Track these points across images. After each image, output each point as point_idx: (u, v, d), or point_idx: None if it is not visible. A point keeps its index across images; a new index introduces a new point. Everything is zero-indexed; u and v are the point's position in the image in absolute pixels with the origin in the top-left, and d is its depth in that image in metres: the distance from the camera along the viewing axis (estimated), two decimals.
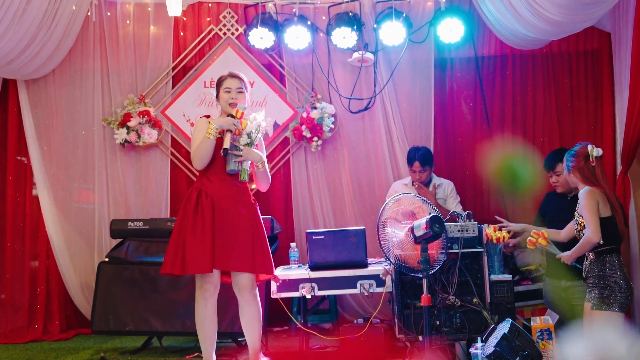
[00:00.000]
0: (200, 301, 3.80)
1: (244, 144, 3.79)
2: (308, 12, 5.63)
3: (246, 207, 3.84)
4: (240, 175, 3.82)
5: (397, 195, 4.01)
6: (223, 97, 3.90)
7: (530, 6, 4.36)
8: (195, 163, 3.79)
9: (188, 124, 5.67)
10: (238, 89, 3.89)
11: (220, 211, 3.75)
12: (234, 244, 3.74)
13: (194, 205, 3.76)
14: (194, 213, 3.75)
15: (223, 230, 3.74)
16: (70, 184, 5.60)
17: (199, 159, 3.77)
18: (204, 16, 5.73)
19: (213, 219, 3.73)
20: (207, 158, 3.77)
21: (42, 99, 5.58)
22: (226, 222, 3.75)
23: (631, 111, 4.52)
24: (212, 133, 3.72)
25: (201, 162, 3.78)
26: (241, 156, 3.78)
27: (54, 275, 5.49)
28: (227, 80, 3.92)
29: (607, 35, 5.30)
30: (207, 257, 3.68)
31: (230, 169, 3.79)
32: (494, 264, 4.14)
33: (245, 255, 3.75)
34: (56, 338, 5.30)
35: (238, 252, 3.74)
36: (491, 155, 5.53)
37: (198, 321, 3.83)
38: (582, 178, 3.79)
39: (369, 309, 5.35)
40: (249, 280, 3.81)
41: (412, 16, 5.53)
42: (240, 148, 3.78)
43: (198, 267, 3.70)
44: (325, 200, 5.64)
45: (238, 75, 3.94)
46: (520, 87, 5.66)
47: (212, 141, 3.73)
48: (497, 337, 3.42)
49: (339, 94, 5.61)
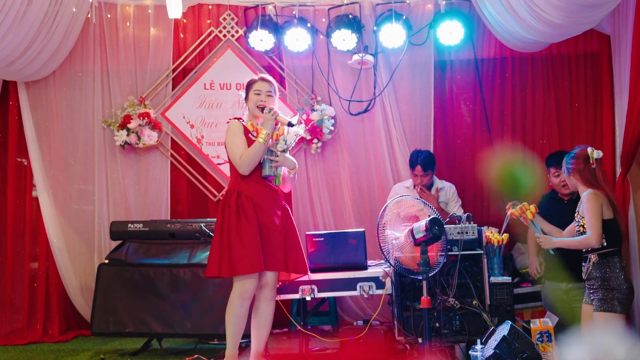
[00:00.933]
0: (237, 300, 3.81)
1: (280, 150, 3.85)
2: (308, 14, 5.63)
3: (280, 209, 3.92)
4: (275, 180, 3.89)
5: (397, 198, 4.01)
6: (252, 98, 3.93)
7: (530, 9, 4.36)
8: (244, 168, 3.81)
9: (188, 126, 5.67)
10: (267, 92, 3.93)
11: (262, 213, 3.82)
12: (274, 244, 3.83)
13: (235, 207, 3.80)
14: (236, 215, 3.79)
15: (268, 231, 3.82)
16: (70, 185, 5.59)
17: (250, 163, 3.81)
18: (204, 18, 5.73)
19: (257, 220, 3.78)
20: (257, 163, 3.82)
21: (42, 101, 5.58)
22: (269, 223, 3.83)
23: (631, 113, 4.53)
24: (264, 138, 3.78)
25: (250, 168, 3.83)
26: (277, 162, 3.84)
27: (53, 276, 5.49)
28: (258, 82, 3.96)
29: (606, 38, 5.30)
30: (259, 257, 3.73)
31: (265, 174, 3.86)
32: (494, 266, 4.15)
33: (280, 255, 3.84)
34: (56, 340, 5.30)
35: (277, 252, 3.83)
36: (491, 158, 5.54)
37: (230, 319, 3.83)
38: (583, 180, 3.79)
39: (368, 311, 5.35)
40: (274, 278, 3.90)
41: (411, 18, 5.53)
42: (277, 154, 3.84)
43: (248, 267, 3.74)
44: (325, 202, 5.64)
45: (269, 79, 4.00)
46: (519, 89, 5.67)
47: (264, 145, 3.79)
48: (497, 340, 3.42)
49: (339, 96, 5.61)
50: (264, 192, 3.87)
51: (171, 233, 4.94)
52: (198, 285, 4.60)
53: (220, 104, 5.68)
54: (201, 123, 5.66)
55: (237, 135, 3.87)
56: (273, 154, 3.85)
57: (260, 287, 3.88)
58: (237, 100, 5.64)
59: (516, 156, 5.36)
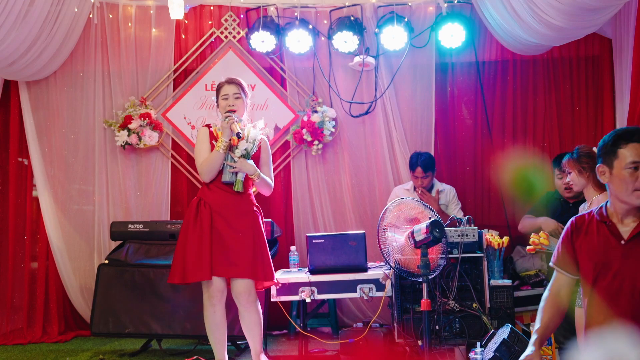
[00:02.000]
0: (209, 308, 3.86)
1: (239, 156, 3.83)
2: (310, 16, 5.63)
3: (246, 214, 3.88)
4: (235, 186, 3.86)
5: (398, 200, 4.01)
6: (221, 104, 3.97)
7: (532, 11, 4.36)
8: (204, 176, 3.87)
9: (189, 127, 5.67)
10: (235, 95, 3.93)
11: (219, 219, 3.82)
12: (232, 251, 3.80)
13: (194, 215, 3.85)
14: (193, 222, 3.84)
15: (221, 238, 3.80)
16: (70, 185, 5.59)
17: (208, 172, 3.84)
18: (205, 19, 5.73)
19: (211, 227, 3.79)
20: (216, 171, 3.85)
21: (43, 101, 5.58)
22: (224, 230, 3.81)
23: (632, 117, 4.52)
24: (222, 146, 3.79)
25: (210, 175, 3.86)
26: (235, 168, 3.83)
27: (53, 277, 5.48)
28: (225, 87, 3.97)
29: (608, 42, 5.31)
30: (206, 265, 3.76)
31: (225, 180, 3.86)
32: (494, 269, 4.15)
33: (244, 262, 3.80)
34: (55, 340, 5.29)
35: (236, 259, 3.80)
36: (492, 160, 5.54)
37: (208, 327, 3.89)
38: (595, 182, 3.76)
39: (368, 313, 5.35)
40: (246, 286, 3.85)
41: (413, 21, 5.54)
42: (235, 160, 3.83)
43: (197, 275, 3.79)
44: (325, 204, 5.64)
45: (234, 81, 3.98)
46: (521, 92, 5.67)
47: (222, 154, 3.81)
48: (497, 342, 3.42)
49: (340, 98, 5.61)
50: (225, 199, 3.86)
51: (171, 234, 4.93)
52: (198, 286, 4.57)
53: None
54: (202, 124, 5.66)
55: (202, 142, 3.92)
56: (232, 160, 3.84)
57: (235, 296, 3.89)
58: None
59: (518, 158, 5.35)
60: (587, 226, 2.72)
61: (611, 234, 2.63)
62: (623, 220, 2.64)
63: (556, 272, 2.84)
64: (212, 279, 3.80)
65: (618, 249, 2.60)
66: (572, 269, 2.76)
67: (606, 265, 2.60)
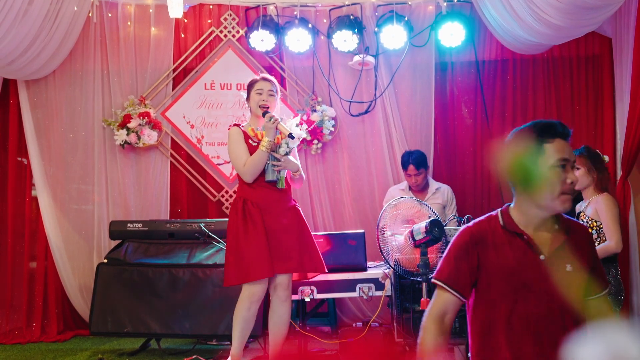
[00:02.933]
0: (246, 303, 3.81)
1: (282, 154, 3.84)
2: (309, 15, 5.63)
3: (290, 209, 3.90)
4: (278, 184, 3.87)
5: (395, 200, 4.01)
6: (254, 98, 3.93)
7: (531, 10, 4.36)
8: (248, 177, 3.83)
9: (188, 126, 5.66)
10: (269, 92, 3.93)
11: (268, 217, 3.82)
12: (284, 247, 3.81)
13: (242, 215, 3.82)
14: (243, 222, 3.80)
15: (274, 235, 3.80)
16: (69, 184, 5.59)
17: (254, 172, 3.82)
18: (205, 18, 5.73)
19: (264, 225, 3.78)
20: (261, 171, 3.83)
21: (42, 100, 5.57)
22: (275, 227, 3.81)
23: (632, 117, 4.52)
24: (267, 146, 3.79)
25: (255, 176, 3.84)
26: (280, 166, 3.83)
27: (52, 276, 5.47)
28: (260, 82, 3.96)
29: (608, 41, 5.30)
30: (266, 262, 3.74)
31: (268, 179, 3.85)
32: None
33: (296, 257, 3.82)
34: (54, 339, 5.28)
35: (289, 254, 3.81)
36: (491, 159, 5.54)
37: (238, 321, 3.84)
38: (597, 182, 3.76)
39: (368, 313, 5.35)
40: (287, 279, 3.87)
41: (413, 20, 5.53)
42: (279, 158, 3.83)
43: (259, 272, 3.75)
44: (325, 203, 5.63)
45: (270, 79, 4.00)
46: (520, 91, 5.66)
47: (266, 154, 3.80)
48: None
49: (340, 97, 5.61)
50: (270, 196, 3.85)
51: (170, 233, 4.93)
52: (197, 286, 4.59)
53: (220, 104, 5.68)
54: (201, 123, 5.66)
55: (238, 143, 3.89)
56: (275, 158, 3.84)
57: (273, 287, 3.88)
58: (237, 100, 5.64)
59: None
60: (494, 238, 2.21)
61: (529, 247, 2.16)
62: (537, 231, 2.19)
63: (441, 290, 2.25)
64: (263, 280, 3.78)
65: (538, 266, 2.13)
66: (466, 290, 2.23)
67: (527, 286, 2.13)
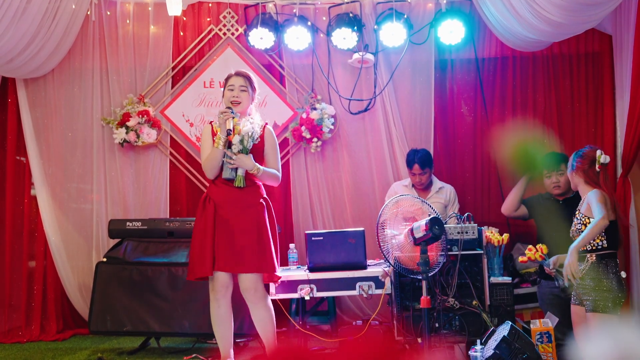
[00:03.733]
0: (213, 302, 3.86)
1: (236, 152, 3.80)
2: (308, 12, 5.61)
3: (250, 207, 3.86)
4: (235, 182, 3.84)
5: (396, 197, 4.00)
6: (226, 95, 3.96)
7: (531, 7, 4.34)
8: (207, 173, 3.91)
9: (187, 124, 5.65)
10: (241, 87, 3.92)
11: (222, 214, 3.82)
12: (237, 246, 3.78)
13: (200, 211, 3.87)
14: (199, 218, 3.87)
15: (226, 233, 3.79)
16: (68, 183, 5.57)
17: (210, 169, 3.87)
18: (204, 16, 5.71)
19: (214, 223, 3.79)
20: (218, 167, 3.85)
21: (41, 98, 5.56)
22: (228, 225, 3.80)
23: (632, 114, 4.51)
24: (220, 143, 3.78)
25: (212, 173, 3.88)
26: (232, 164, 3.81)
27: (51, 275, 5.47)
28: (232, 78, 3.97)
29: (608, 38, 5.29)
30: (207, 260, 3.75)
31: (225, 177, 3.84)
32: (494, 266, 4.14)
33: (249, 258, 3.79)
34: (53, 338, 5.27)
35: (241, 254, 3.79)
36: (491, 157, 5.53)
37: (213, 322, 3.90)
38: (587, 179, 3.78)
39: (367, 311, 5.33)
40: (251, 282, 3.84)
41: (412, 17, 5.52)
42: (232, 157, 3.80)
43: (200, 270, 3.79)
44: (324, 201, 5.62)
45: (243, 74, 3.98)
46: (520, 89, 5.65)
47: (221, 151, 3.80)
48: (497, 340, 3.41)
49: (339, 95, 5.60)
50: (228, 194, 3.85)
51: (170, 231, 4.92)
52: (196, 284, 4.55)
53: (219, 103, 5.66)
54: (201, 121, 5.64)
55: (205, 140, 3.94)
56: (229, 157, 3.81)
57: (242, 292, 3.88)
58: None
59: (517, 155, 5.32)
60: None
61: None
62: None
63: None
64: (216, 274, 3.79)
65: None
66: None
67: None
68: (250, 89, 3.96)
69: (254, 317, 3.92)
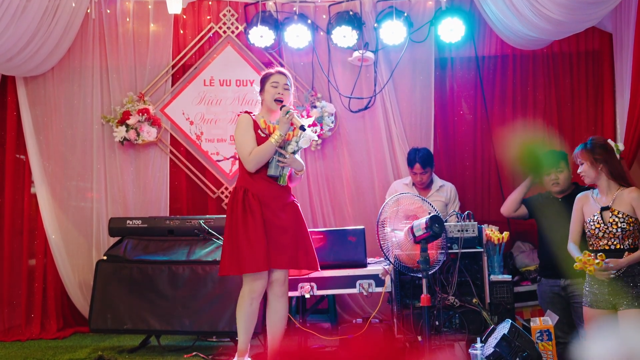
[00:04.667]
0: (247, 299, 3.80)
1: (290, 152, 3.80)
2: (308, 10, 5.61)
3: (289, 205, 3.87)
4: (280, 180, 3.83)
5: (396, 195, 4.00)
6: (269, 91, 3.88)
7: (531, 5, 4.34)
8: (251, 166, 3.78)
9: (187, 122, 5.65)
10: (285, 86, 3.89)
11: (267, 211, 3.78)
12: (281, 242, 3.78)
13: (242, 205, 3.77)
14: (242, 212, 3.76)
15: (273, 230, 3.77)
16: (68, 181, 5.58)
17: (258, 163, 3.78)
18: (204, 14, 5.71)
19: (263, 218, 3.75)
20: (265, 162, 3.79)
21: (40, 97, 5.56)
22: (273, 221, 3.78)
23: (632, 112, 4.51)
24: (277, 139, 3.74)
25: (258, 166, 3.80)
26: (285, 162, 3.79)
27: (51, 273, 5.47)
28: (276, 75, 3.92)
29: (608, 36, 5.29)
30: (263, 256, 3.71)
31: (271, 174, 3.80)
32: (494, 264, 4.14)
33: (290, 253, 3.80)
34: (53, 336, 5.28)
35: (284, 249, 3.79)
36: (491, 155, 5.53)
37: (241, 316, 3.83)
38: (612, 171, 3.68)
39: (367, 309, 5.34)
40: (283, 275, 3.86)
41: (412, 15, 5.51)
42: (286, 155, 3.79)
43: (254, 265, 3.72)
44: (324, 200, 5.62)
45: (286, 73, 3.96)
46: (520, 87, 5.65)
47: (275, 147, 3.75)
48: (497, 338, 3.41)
49: (339, 93, 5.60)
50: (270, 190, 3.81)
51: (170, 230, 4.92)
52: (197, 282, 4.58)
53: (220, 101, 5.66)
54: (201, 119, 5.64)
55: (247, 130, 3.83)
56: (281, 155, 3.79)
57: (269, 283, 3.86)
58: (237, 96, 5.63)
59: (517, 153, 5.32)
60: None
61: None
62: None
63: None
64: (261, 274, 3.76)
65: None
66: None
67: None
68: (291, 88, 3.95)
69: (270, 310, 3.88)
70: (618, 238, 3.60)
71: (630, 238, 3.60)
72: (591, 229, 3.69)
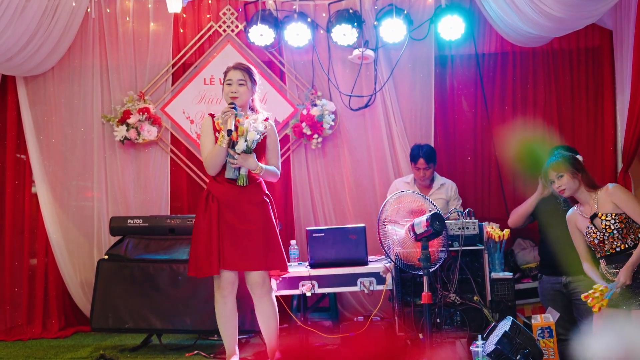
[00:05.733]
0: (219, 300, 3.84)
1: (239, 152, 3.74)
2: (308, 9, 5.61)
3: (255, 205, 3.84)
4: (238, 181, 3.81)
5: (398, 193, 4.00)
6: (224, 90, 3.86)
7: (532, 2, 4.33)
8: (209, 170, 3.84)
9: (188, 121, 5.65)
10: (239, 82, 3.82)
11: (228, 213, 3.78)
12: (243, 244, 3.77)
13: (203, 208, 3.81)
14: (202, 216, 3.81)
15: (232, 232, 3.76)
16: (69, 181, 5.58)
17: (212, 166, 3.80)
18: (203, 13, 5.71)
19: (219, 221, 3.75)
20: (220, 165, 3.79)
21: (41, 96, 5.56)
22: (234, 223, 3.77)
23: (632, 109, 4.51)
24: (224, 141, 3.72)
25: (215, 170, 3.82)
26: (235, 163, 3.77)
27: (53, 272, 5.47)
28: (230, 72, 3.86)
29: (608, 33, 5.28)
30: (214, 260, 3.73)
31: (228, 176, 3.80)
32: (495, 261, 4.14)
33: (256, 255, 3.78)
34: (55, 336, 5.29)
35: (248, 252, 3.77)
36: (492, 153, 5.53)
37: (218, 320, 3.88)
38: (588, 182, 3.75)
39: (369, 307, 5.34)
40: (259, 277, 3.84)
41: (412, 13, 5.51)
42: (234, 156, 3.75)
43: (207, 270, 3.77)
44: (325, 198, 5.62)
45: (240, 67, 3.88)
46: (520, 84, 5.64)
47: (224, 149, 3.73)
48: (498, 335, 3.41)
49: (339, 91, 5.59)
50: (232, 192, 3.80)
51: (171, 228, 4.92)
52: (198, 281, 4.57)
53: (220, 99, 5.65)
54: (201, 118, 5.63)
55: (206, 134, 3.86)
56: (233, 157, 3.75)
57: (249, 287, 3.88)
58: None
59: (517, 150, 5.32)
60: None
61: None
62: None
63: None
64: (222, 273, 3.78)
65: None
66: None
67: None
68: (250, 82, 3.85)
69: (258, 311, 3.90)
70: (618, 239, 3.61)
71: (631, 234, 3.60)
72: (590, 240, 3.72)
